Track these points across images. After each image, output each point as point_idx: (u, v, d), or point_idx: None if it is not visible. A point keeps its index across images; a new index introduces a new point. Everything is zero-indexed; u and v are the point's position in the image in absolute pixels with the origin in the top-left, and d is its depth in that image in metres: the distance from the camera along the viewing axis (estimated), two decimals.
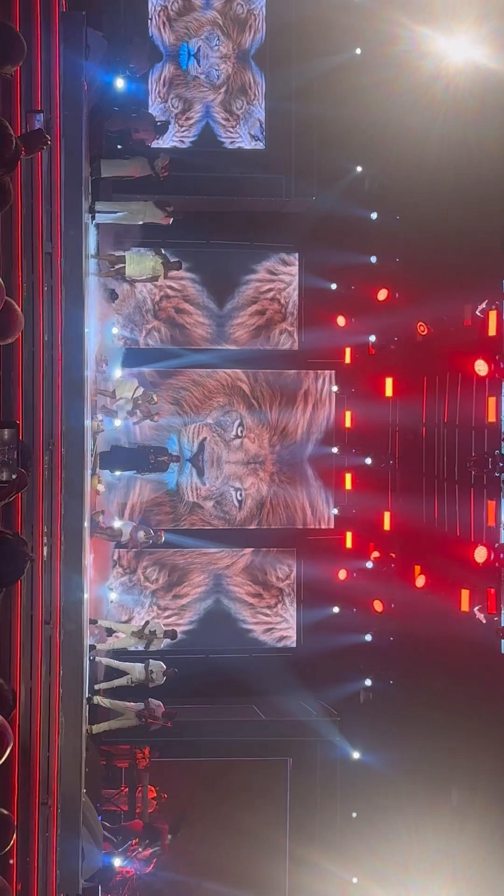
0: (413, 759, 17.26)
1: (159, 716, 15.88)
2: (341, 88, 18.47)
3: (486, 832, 15.14)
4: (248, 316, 20.69)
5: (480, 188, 15.26)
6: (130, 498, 20.10)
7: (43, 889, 11.11)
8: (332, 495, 21.00)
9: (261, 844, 18.40)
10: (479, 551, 15.94)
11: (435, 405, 18.22)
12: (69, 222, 12.35)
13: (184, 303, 20.39)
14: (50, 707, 11.49)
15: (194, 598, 20.51)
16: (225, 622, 20.40)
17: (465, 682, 16.31)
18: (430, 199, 16.95)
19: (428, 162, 16.18)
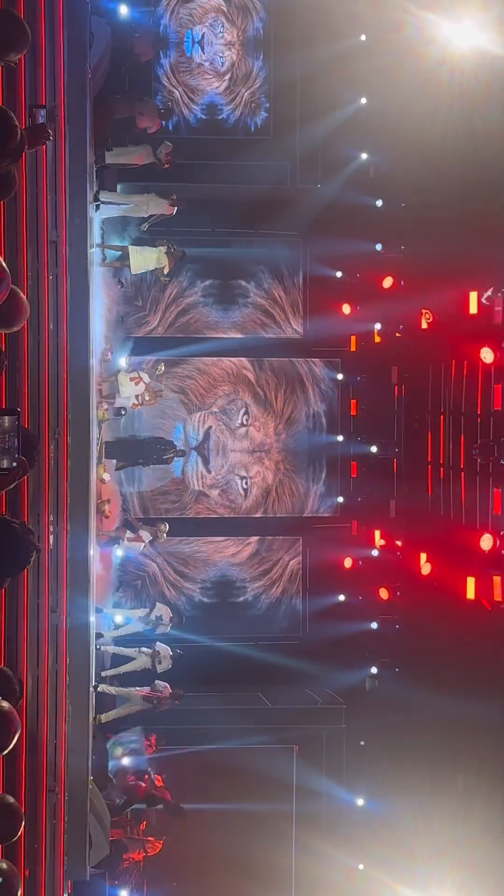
0: (419, 746, 17.29)
1: (167, 696, 15.94)
2: (346, 75, 18.40)
3: (493, 818, 15.17)
4: (253, 304, 20.67)
5: (486, 175, 15.19)
6: (136, 488, 20.12)
7: (51, 876, 11.16)
8: (338, 483, 21.00)
9: (267, 831, 18.46)
10: (484, 539, 15.92)
11: (440, 393, 18.19)
12: (74, 211, 12.34)
13: (189, 291, 20.37)
14: (57, 695, 11.52)
15: (200, 585, 20.54)
16: (231, 609, 20.44)
17: (471, 670, 16.32)
18: (436, 187, 16.89)
19: (433, 149, 16.11)
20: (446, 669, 16.96)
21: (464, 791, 16.48)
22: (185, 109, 19.66)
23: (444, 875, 16.08)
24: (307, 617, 20.72)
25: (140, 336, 20.13)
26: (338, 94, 18.85)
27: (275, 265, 20.59)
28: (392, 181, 19.06)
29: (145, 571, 20.23)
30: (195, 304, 20.43)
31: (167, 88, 19.56)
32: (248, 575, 20.77)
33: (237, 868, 18.25)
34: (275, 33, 19.53)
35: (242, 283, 20.52)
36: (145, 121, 16.82)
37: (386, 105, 17.79)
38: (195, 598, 20.45)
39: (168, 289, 20.04)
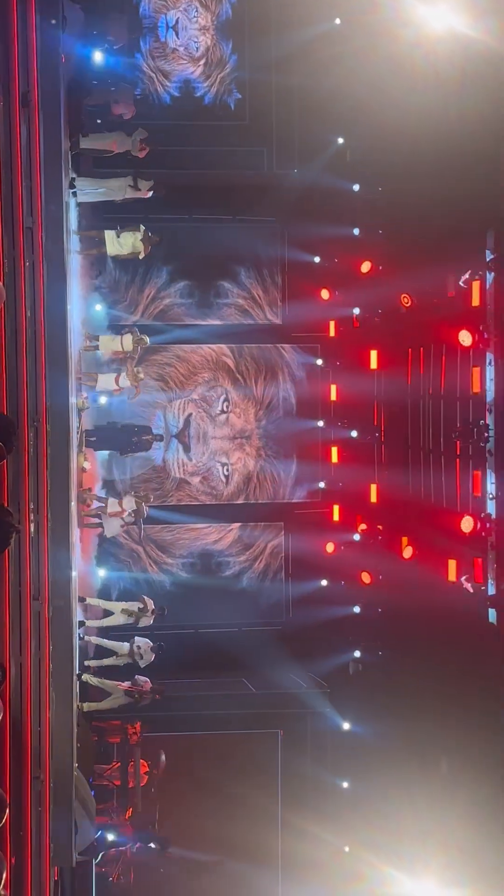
0: (403, 729, 17.37)
1: (147, 691, 15.98)
2: (321, 59, 18.38)
3: (477, 799, 15.27)
4: (231, 290, 20.64)
5: (461, 158, 15.20)
6: (118, 475, 20.11)
7: (37, 863, 11.18)
8: (319, 469, 21.03)
9: (253, 815, 18.53)
10: (465, 521, 15.99)
11: (420, 377, 18.21)
12: (49, 197, 12.28)
13: (167, 277, 20.32)
14: (40, 682, 11.53)
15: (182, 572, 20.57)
16: (214, 596, 20.46)
17: (454, 652, 16.40)
18: (412, 170, 16.89)
19: (408, 132, 16.10)
20: (429, 652, 17.04)
21: (448, 772, 16.58)
22: (161, 93, 19.56)
23: (430, 856, 16.18)
24: (290, 602, 20.78)
25: (119, 324, 20.07)
26: (313, 79, 18.80)
27: (253, 251, 20.55)
28: (369, 165, 19.05)
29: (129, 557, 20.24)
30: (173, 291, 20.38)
31: (144, 74, 19.46)
32: (231, 559, 20.79)
33: (224, 852, 18.33)
34: (248, 17, 19.44)
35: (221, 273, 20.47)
36: (120, 107, 16.75)
37: (362, 88, 17.75)
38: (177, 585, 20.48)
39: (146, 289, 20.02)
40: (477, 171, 15.20)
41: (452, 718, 16.12)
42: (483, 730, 15.43)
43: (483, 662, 15.54)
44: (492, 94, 13.86)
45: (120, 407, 19.34)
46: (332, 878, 18.45)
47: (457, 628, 16.36)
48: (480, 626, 15.53)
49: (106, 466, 19.83)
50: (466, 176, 15.49)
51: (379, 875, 17.01)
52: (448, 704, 16.22)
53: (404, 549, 18.32)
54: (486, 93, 13.97)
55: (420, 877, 16.19)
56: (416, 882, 16.24)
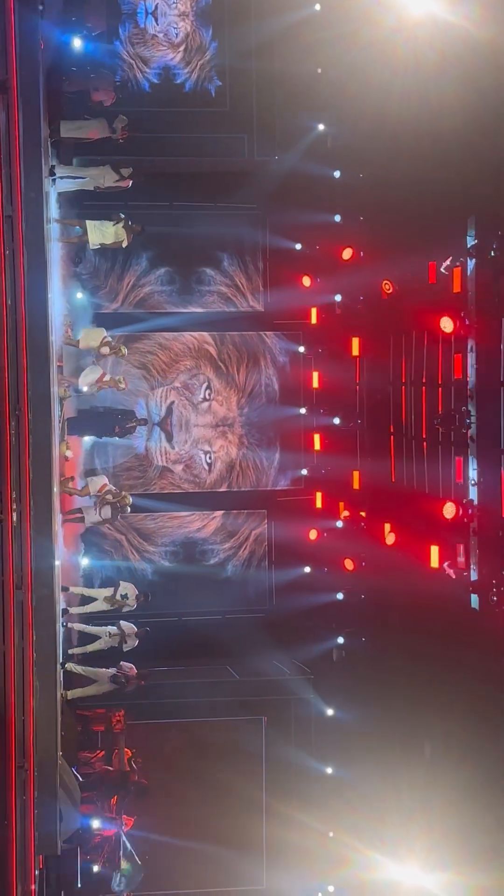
0: (386, 714, 17.45)
1: (132, 676, 15.99)
2: (302, 45, 18.31)
3: (460, 784, 15.36)
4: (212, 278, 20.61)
5: (441, 144, 15.19)
6: (100, 463, 20.08)
7: (21, 851, 11.19)
8: (302, 456, 21.05)
9: (238, 801, 18.61)
10: (447, 507, 16.03)
11: (402, 363, 18.25)
12: (29, 184, 12.22)
13: (148, 265, 20.26)
14: (24, 671, 11.52)
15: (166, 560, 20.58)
16: (197, 584, 20.48)
17: (437, 638, 16.48)
18: (393, 157, 16.87)
19: (389, 118, 16.06)
20: (412, 638, 17.12)
21: (431, 757, 16.67)
22: (141, 80, 19.46)
23: (414, 840, 16.27)
24: (273, 589, 20.82)
25: (100, 312, 20.03)
26: (293, 65, 18.74)
27: (234, 238, 20.51)
28: (350, 152, 19.02)
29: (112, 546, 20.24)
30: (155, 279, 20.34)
31: (123, 61, 19.35)
32: (215, 547, 20.82)
33: (209, 838, 18.39)
34: (228, 3, 19.36)
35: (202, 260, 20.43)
36: (100, 94, 16.62)
37: (342, 74, 17.71)
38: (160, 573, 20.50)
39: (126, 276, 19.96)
40: (458, 157, 15.19)
41: (436, 704, 16.20)
42: (466, 715, 15.51)
43: (466, 648, 15.62)
44: (471, 79, 13.84)
45: (102, 393, 19.28)
46: (317, 863, 18.56)
47: (439, 614, 16.43)
48: (463, 611, 15.60)
49: (89, 455, 19.80)
50: (447, 162, 15.48)
51: (363, 859, 17.11)
52: (431, 690, 16.30)
53: (387, 535, 18.37)
54: (466, 78, 13.95)
55: (404, 861, 16.29)
56: (401, 866, 16.34)
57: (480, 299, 15.39)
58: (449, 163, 15.41)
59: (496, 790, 14.71)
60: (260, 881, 18.97)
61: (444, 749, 16.23)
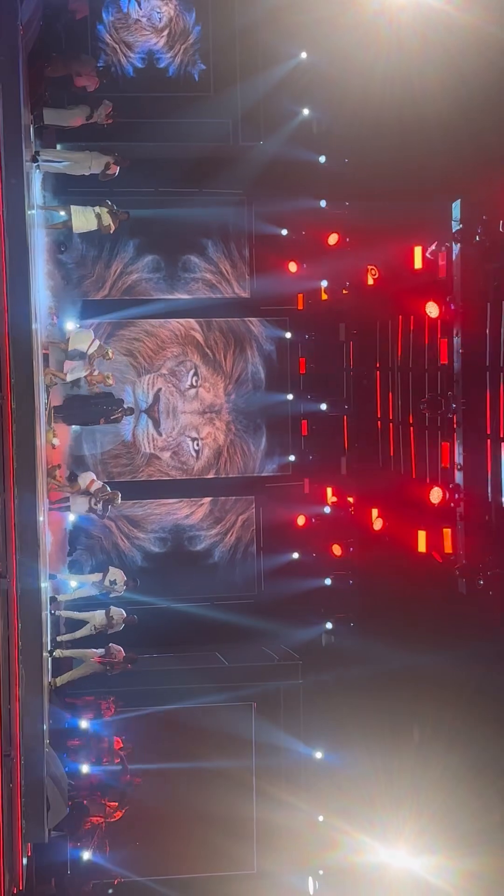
0: (375, 699, 17.50)
1: (120, 659, 16.01)
2: (285, 29, 18.21)
3: (449, 767, 15.42)
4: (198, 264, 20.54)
5: (426, 128, 15.16)
6: (87, 451, 20.04)
7: (9, 840, 11.21)
8: (289, 442, 21.04)
9: (228, 787, 18.65)
10: (434, 492, 16.07)
11: (388, 348, 18.25)
12: (10, 170, 12.13)
13: (133, 252, 20.19)
14: (9, 660, 11.51)
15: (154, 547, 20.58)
16: (186, 570, 20.48)
17: (425, 622, 16.52)
18: (377, 141, 16.82)
19: (373, 103, 16.01)
20: (400, 622, 17.17)
21: (420, 741, 16.73)
22: (125, 64, 19.34)
23: (403, 823, 16.35)
24: (262, 575, 20.83)
25: (86, 299, 19.96)
26: (277, 48, 18.66)
27: (219, 224, 20.43)
28: (334, 136, 18.96)
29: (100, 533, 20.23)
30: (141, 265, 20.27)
31: (107, 46, 19.23)
32: (203, 534, 20.82)
33: (199, 825, 18.45)
34: None
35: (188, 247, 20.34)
36: (83, 80, 16.51)
37: (326, 57, 17.63)
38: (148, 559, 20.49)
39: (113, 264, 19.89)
40: (442, 142, 15.16)
41: (424, 688, 16.26)
42: (455, 698, 15.57)
43: (453, 631, 15.67)
44: (455, 62, 13.80)
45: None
46: (307, 846, 18.64)
47: (427, 598, 16.48)
48: (450, 595, 15.65)
49: (76, 442, 19.75)
50: (432, 147, 15.45)
51: (353, 843, 17.20)
52: (419, 674, 16.35)
53: (374, 520, 18.41)
54: (450, 62, 13.91)
55: (393, 844, 16.38)
56: (390, 849, 16.42)
57: (466, 284, 15.39)
58: (433, 147, 15.38)
59: (484, 774, 14.78)
60: (251, 865, 19.05)
61: (433, 733, 16.29)
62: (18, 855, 11.62)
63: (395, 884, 16.23)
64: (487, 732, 14.72)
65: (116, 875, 17.93)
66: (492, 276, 14.69)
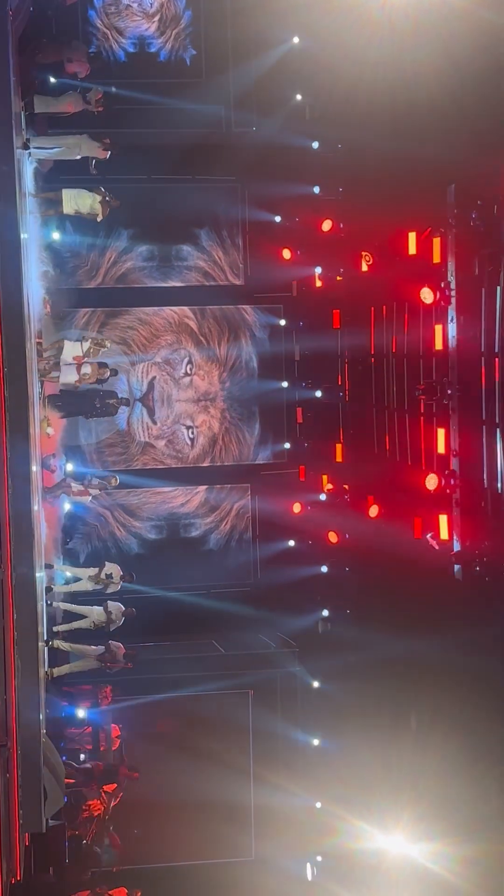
0: (372, 686, 17.51)
1: (120, 657, 15.99)
2: (277, 12, 18.09)
3: (447, 754, 15.42)
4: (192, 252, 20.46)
5: (419, 113, 15.05)
6: (82, 440, 20.00)
7: (6, 830, 11.20)
8: (284, 429, 21.01)
9: (226, 775, 18.69)
10: (430, 479, 16.02)
11: (383, 335, 18.17)
12: (1, 158, 12.04)
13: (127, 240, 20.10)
14: (5, 650, 11.48)
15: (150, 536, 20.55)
16: (181, 559, 20.46)
17: (421, 608, 16.50)
18: (371, 127, 16.71)
19: (366, 87, 15.90)
20: (396, 609, 17.15)
21: (417, 728, 16.74)
22: (116, 50, 19.22)
23: (401, 810, 16.37)
24: (258, 563, 20.83)
25: (80, 288, 19.89)
26: (269, 33, 18.54)
27: (213, 211, 20.34)
28: (328, 122, 18.85)
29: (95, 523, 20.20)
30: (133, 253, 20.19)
31: (98, 31, 19.11)
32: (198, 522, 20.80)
33: (197, 812, 18.48)
34: None
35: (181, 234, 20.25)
36: (74, 66, 16.39)
37: (318, 42, 17.52)
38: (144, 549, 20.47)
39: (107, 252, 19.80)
40: (436, 127, 15.06)
41: (421, 674, 16.26)
42: (451, 685, 15.57)
43: (449, 618, 15.65)
44: (447, 47, 13.70)
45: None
46: (305, 833, 18.69)
47: (423, 585, 16.45)
48: (446, 581, 15.63)
49: (70, 431, 19.69)
50: (426, 132, 15.35)
51: (350, 829, 17.22)
52: (416, 660, 16.34)
53: (370, 507, 18.37)
54: (443, 46, 13.81)
55: (391, 831, 16.40)
56: (387, 836, 16.45)
57: (460, 270, 15.31)
58: (427, 133, 15.28)
59: (482, 761, 14.78)
60: (249, 852, 19.11)
61: (430, 720, 16.29)
62: (16, 845, 11.61)
63: (393, 870, 16.27)
64: (485, 719, 14.71)
65: (115, 863, 17.97)
66: (486, 261, 14.61)
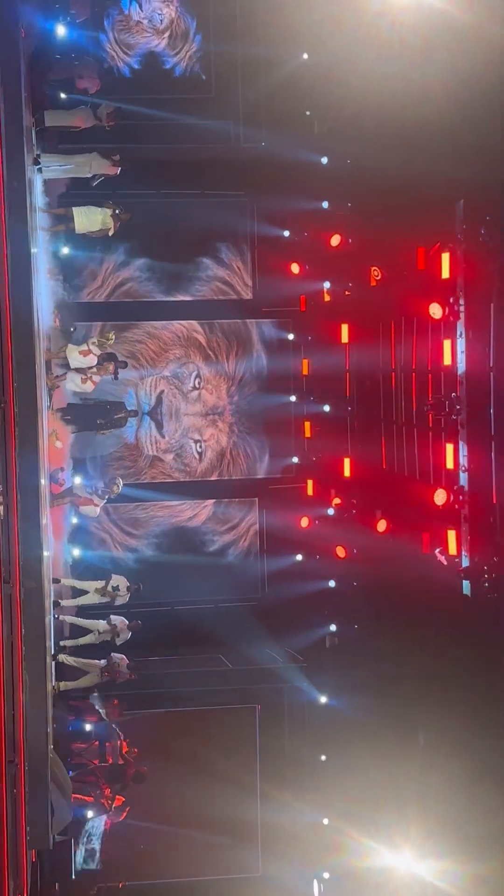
0: (380, 702, 17.46)
1: (124, 669, 15.98)
2: (287, 29, 18.17)
3: (454, 771, 15.36)
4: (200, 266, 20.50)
5: (428, 129, 15.10)
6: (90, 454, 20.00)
7: (13, 846, 11.15)
8: (292, 444, 21.00)
9: (233, 790, 18.62)
10: (438, 494, 15.99)
11: (391, 350, 18.18)
12: (12, 174, 12.09)
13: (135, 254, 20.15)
14: (13, 665, 11.46)
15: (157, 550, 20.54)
16: (189, 573, 20.43)
17: (429, 624, 16.46)
18: (379, 142, 16.77)
19: (375, 103, 15.96)
20: (404, 625, 17.10)
21: (425, 744, 16.67)
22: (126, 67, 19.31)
23: (408, 827, 16.30)
24: (265, 577, 20.80)
25: (88, 301, 19.93)
26: (279, 49, 18.62)
27: (222, 226, 20.39)
28: (336, 137, 18.92)
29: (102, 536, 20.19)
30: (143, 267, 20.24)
31: (109, 47, 19.21)
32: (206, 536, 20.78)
33: (204, 828, 18.41)
34: None
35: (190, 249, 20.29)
36: (85, 81, 16.52)
37: (327, 58, 17.58)
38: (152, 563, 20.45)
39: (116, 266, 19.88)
40: (445, 143, 15.10)
41: (429, 690, 16.20)
42: (460, 701, 15.51)
43: (458, 634, 15.60)
44: (456, 63, 13.74)
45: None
46: (312, 849, 18.60)
47: (431, 601, 16.41)
48: (455, 598, 15.58)
49: (79, 444, 19.71)
50: (435, 147, 15.39)
51: (358, 847, 17.14)
52: (424, 676, 16.29)
53: (378, 522, 18.34)
54: (452, 62, 13.85)
55: (399, 848, 16.32)
56: (395, 853, 16.37)
57: (469, 285, 15.32)
58: (436, 148, 15.31)
59: (490, 778, 14.71)
60: (255, 868, 19.02)
61: (438, 736, 16.23)
62: (23, 861, 11.57)
63: (401, 888, 16.18)
64: (493, 736, 14.65)
65: (121, 878, 17.91)
66: (495, 276, 14.62)
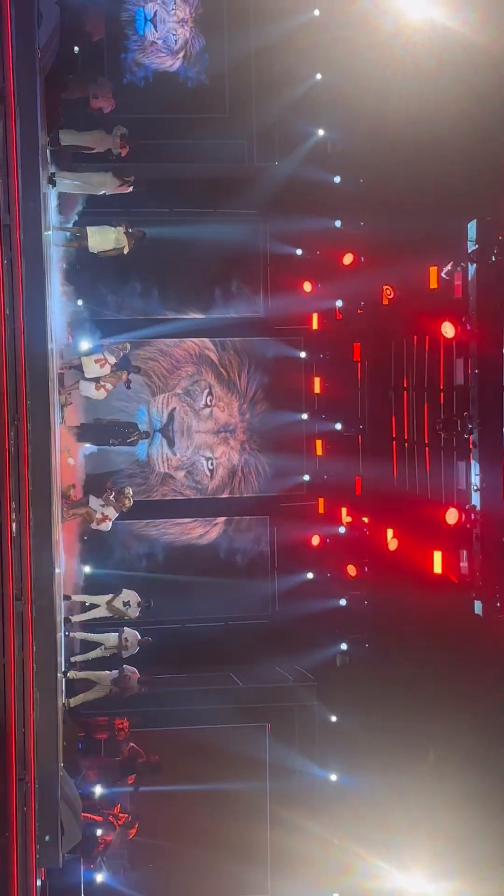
0: (390, 721, 17.40)
1: (134, 682, 15.97)
2: (300, 50, 18.29)
3: (465, 790, 15.30)
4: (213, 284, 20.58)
5: (441, 148, 15.16)
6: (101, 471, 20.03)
7: (23, 864, 11.14)
8: (304, 462, 21.01)
9: (242, 808, 18.56)
10: (450, 513, 15.96)
11: (403, 369, 18.20)
12: (27, 193, 12.18)
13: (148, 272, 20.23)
14: (24, 683, 11.48)
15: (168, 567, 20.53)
16: (199, 590, 20.42)
17: (440, 643, 16.42)
18: (392, 161, 16.84)
19: (388, 123, 16.04)
20: (415, 644, 17.06)
21: (436, 763, 16.61)
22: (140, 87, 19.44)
23: (419, 847, 16.23)
24: (276, 595, 20.78)
25: (101, 319, 20.00)
26: (293, 70, 18.73)
27: (235, 244, 20.46)
28: (349, 157, 19.01)
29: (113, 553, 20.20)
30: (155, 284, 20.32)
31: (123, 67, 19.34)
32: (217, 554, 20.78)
33: (213, 848, 18.33)
34: (228, 9, 19.33)
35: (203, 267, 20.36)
36: (100, 101, 16.64)
37: (341, 79, 17.69)
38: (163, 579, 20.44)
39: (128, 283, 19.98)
40: (458, 162, 15.16)
41: (440, 710, 16.14)
42: (471, 722, 15.46)
43: (469, 654, 15.55)
44: (470, 83, 13.82)
45: (104, 401, 19.22)
46: (322, 870, 18.48)
47: (443, 620, 16.36)
48: (466, 618, 15.54)
49: (91, 462, 19.75)
50: (447, 167, 15.45)
51: (368, 867, 17.06)
52: (435, 696, 16.24)
53: (390, 541, 18.31)
54: (465, 82, 13.93)
55: (409, 869, 16.24)
56: (405, 874, 16.28)
57: (481, 304, 15.34)
58: (449, 167, 15.37)
59: (501, 797, 14.64)
60: (265, 889, 18.92)
61: (449, 756, 16.16)
62: (32, 879, 11.55)
63: None
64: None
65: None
66: None
